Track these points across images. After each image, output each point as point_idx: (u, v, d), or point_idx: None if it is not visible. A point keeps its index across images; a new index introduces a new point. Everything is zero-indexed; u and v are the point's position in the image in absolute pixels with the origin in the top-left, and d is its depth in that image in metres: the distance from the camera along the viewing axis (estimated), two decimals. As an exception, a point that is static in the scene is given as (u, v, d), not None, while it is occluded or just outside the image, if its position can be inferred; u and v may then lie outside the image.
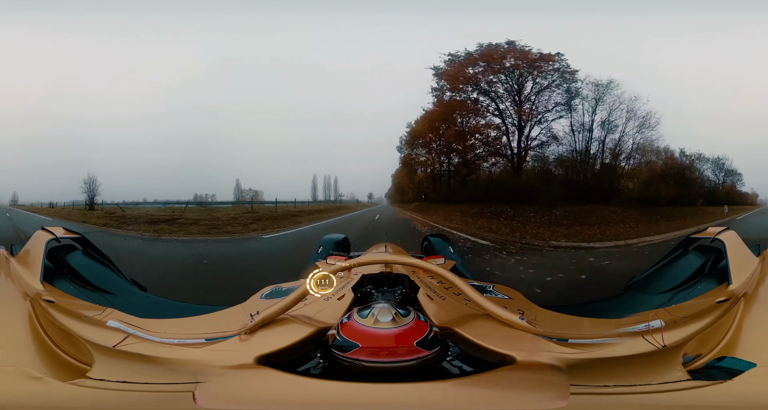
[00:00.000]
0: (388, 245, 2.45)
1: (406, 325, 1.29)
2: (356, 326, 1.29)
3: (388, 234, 2.87)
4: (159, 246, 8.07)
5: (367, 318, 1.31)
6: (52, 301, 1.63)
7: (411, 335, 1.27)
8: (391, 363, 1.23)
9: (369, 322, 1.29)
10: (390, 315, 1.30)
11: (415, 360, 1.24)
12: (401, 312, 1.33)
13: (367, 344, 1.24)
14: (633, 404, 1.19)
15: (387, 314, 1.30)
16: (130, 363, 1.30)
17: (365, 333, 1.26)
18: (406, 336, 1.26)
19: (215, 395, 1.19)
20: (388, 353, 1.24)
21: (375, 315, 1.30)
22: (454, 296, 1.67)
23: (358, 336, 1.26)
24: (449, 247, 2.77)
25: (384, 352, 1.24)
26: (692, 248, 2.34)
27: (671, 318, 1.50)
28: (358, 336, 1.26)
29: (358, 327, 1.29)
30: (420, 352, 1.25)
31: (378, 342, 1.25)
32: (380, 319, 1.29)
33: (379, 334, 1.26)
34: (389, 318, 1.29)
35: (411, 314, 1.34)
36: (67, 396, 1.22)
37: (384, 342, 1.25)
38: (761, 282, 1.63)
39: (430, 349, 1.27)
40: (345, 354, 1.25)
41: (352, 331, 1.28)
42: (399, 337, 1.26)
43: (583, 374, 1.23)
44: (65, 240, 2.37)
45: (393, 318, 1.30)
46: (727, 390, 1.19)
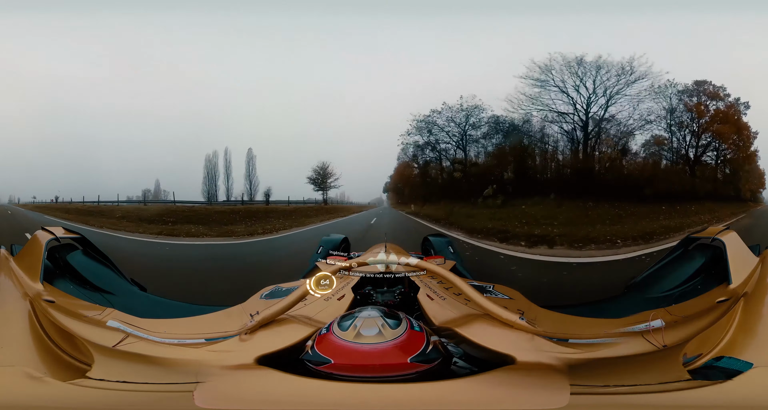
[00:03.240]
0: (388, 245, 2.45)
1: (395, 339, 1.16)
2: (333, 339, 1.17)
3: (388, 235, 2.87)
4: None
5: (348, 330, 1.17)
6: (52, 301, 1.63)
7: (403, 350, 1.14)
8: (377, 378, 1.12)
9: (349, 335, 1.15)
10: (375, 328, 1.17)
11: (414, 374, 1.14)
12: (390, 323, 1.19)
13: (341, 360, 1.12)
14: (633, 404, 1.19)
15: (372, 326, 1.17)
16: (130, 363, 1.30)
17: (341, 348, 1.14)
18: (396, 351, 1.14)
19: (215, 395, 1.19)
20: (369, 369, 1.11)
21: (357, 327, 1.17)
22: (454, 296, 1.67)
23: (332, 351, 1.14)
24: (449, 247, 2.78)
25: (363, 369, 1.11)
26: (692, 248, 2.34)
27: (671, 317, 1.50)
28: (333, 352, 1.14)
29: (334, 341, 1.16)
30: (419, 366, 1.15)
31: (356, 358, 1.12)
32: (363, 332, 1.16)
33: (359, 350, 1.13)
34: (374, 330, 1.16)
35: (402, 323, 1.21)
36: (67, 396, 1.22)
37: (363, 359, 1.12)
38: (761, 282, 1.63)
39: (430, 363, 1.17)
40: (318, 367, 1.16)
41: (327, 345, 1.16)
42: (385, 354, 1.13)
43: (583, 374, 1.22)
44: (65, 240, 2.37)
45: (379, 330, 1.16)
46: (727, 390, 1.19)
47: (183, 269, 6.39)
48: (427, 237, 3.04)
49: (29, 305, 1.58)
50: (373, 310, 1.26)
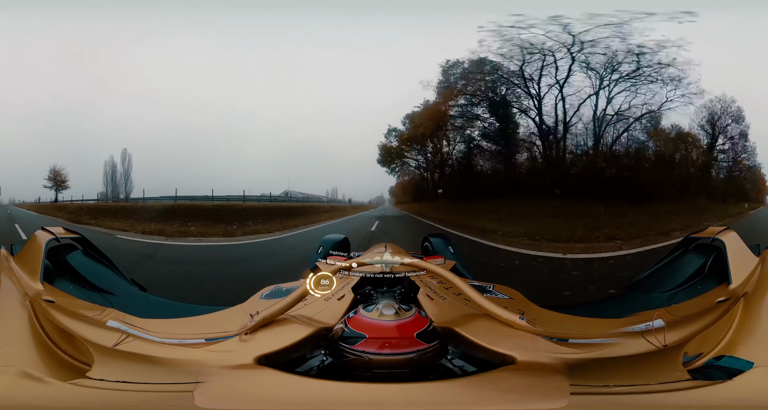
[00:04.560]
0: (388, 245, 2.45)
1: (407, 318, 1.37)
2: (363, 319, 1.38)
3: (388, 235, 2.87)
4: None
5: (372, 311, 1.40)
6: (52, 301, 1.63)
7: (412, 327, 1.34)
8: (393, 355, 1.28)
9: (374, 315, 1.38)
10: (393, 309, 1.39)
11: (415, 353, 1.29)
12: (404, 307, 1.41)
13: (373, 334, 1.32)
14: (633, 404, 1.19)
15: (390, 308, 1.39)
16: (130, 363, 1.30)
17: (371, 325, 1.35)
18: (408, 327, 1.34)
19: (215, 395, 1.19)
20: (390, 345, 1.30)
21: (380, 309, 1.39)
22: (454, 296, 1.67)
23: (364, 327, 1.34)
24: (449, 247, 2.77)
25: (387, 344, 1.30)
26: (692, 248, 2.34)
27: (671, 317, 1.50)
28: (365, 327, 1.34)
29: (364, 320, 1.37)
30: (420, 344, 1.30)
31: (382, 332, 1.33)
32: (384, 312, 1.38)
33: (384, 325, 1.34)
34: (392, 311, 1.38)
35: (413, 309, 1.42)
36: (67, 396, 1.22)
37: (388, 333, 1.32)
38: (761, 282, 1.63)
39: (429, 342, 1.32)
40: (352, 346, 1.30)
41: (359, 323, 1.36)
42: (401, 328, 1.33)
43: (583, 374, 1.23)
44: (65, 240, 2.37)
45: (396, 311, 1.38)
46: (727, 390, 1.19)
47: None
48: (427, 237, 3.04)
49: (29, 305, 1.58)
50: (389, 299, 1.49)
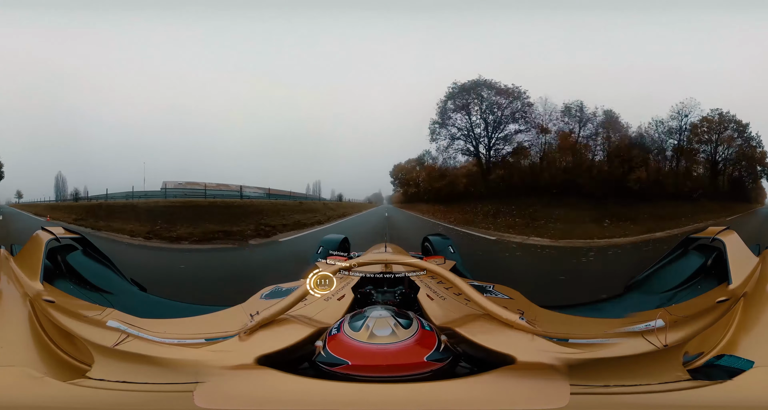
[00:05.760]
0: (388, 245, 2.45)
1: (409, 339, 1.16)
2: (346, 340, 1.15)
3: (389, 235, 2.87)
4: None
5: (360, 330, 1.16)
6: (52, 301, 1.63)
7: (419, 349, 1.14)
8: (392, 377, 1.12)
9: (363, 336, 1.14)
10: (388, 328, 1.16)
11: (428, 373, 1.15)
12: (402, 323, 1.19)
13: (358, 361, 1.11)
14: (633, 404, 1.19)
15: (384, 326, 1.16)
16: (130, 363, 1.30)
17: (357, 349, 1.13)
18: (412, 351, 1.14)
19: (215, 395, 1.19)
20: (386, 369, 1.11)
21: (370, 327, 1.16)
22: (454, 296, 1.67)
23: (347, 353, 1.13)
24: (449, 247, 2.77)
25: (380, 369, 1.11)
26: (692, 248, 2.34)
27: (671, 317, 1.50)
28: (348, 353, 1.13)
29: (348, 342, 1.15)
30: (432, 366, 1.15)
31: (373, 359, 1.11)
32: (376, 332, 1.14)
33: (375, 351, 1.12)
34: (387, 330, 1.16)
35: (413, 323, 1.22)
36: (67, 396, 1.22)
37: (380, 360, 1.11)
38: (761, 282, 1.63)
39: (443, 361, 1.19)
40: (333, 369, 1.14)
41: (341, 346, 1.15)
42: (401, 353, 1.13)
43: (583, 374, 1.22)
44: (65, 240, 2.37)
45: (392, 330, 1.16)
46: (727, 389, 1.19)
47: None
48: (427, 237, 3.04)
49: (29, 305, 1.58)
50: (383, 310, 1.25)
